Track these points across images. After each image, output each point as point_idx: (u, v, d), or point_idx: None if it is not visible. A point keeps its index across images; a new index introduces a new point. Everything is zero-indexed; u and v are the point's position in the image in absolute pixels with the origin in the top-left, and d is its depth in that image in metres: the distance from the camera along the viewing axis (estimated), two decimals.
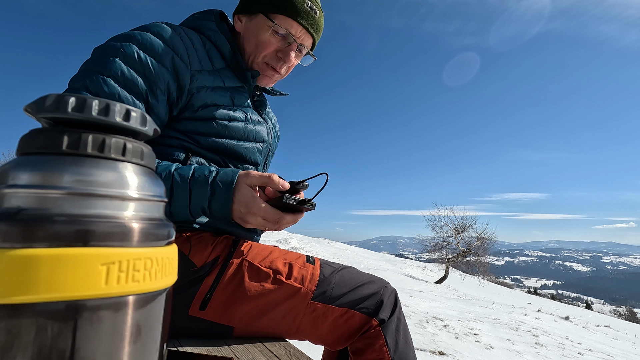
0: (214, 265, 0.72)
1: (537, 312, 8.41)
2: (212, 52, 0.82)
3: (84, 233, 0.21)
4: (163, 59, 0.71)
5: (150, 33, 0.72)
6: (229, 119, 0.81)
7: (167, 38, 0.73)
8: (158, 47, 0.71)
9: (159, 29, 0.73)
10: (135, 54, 0.68)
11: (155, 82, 0.70)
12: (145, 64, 0.69)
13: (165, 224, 0.27)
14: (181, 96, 0.75)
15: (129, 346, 0.23)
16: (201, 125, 0.78)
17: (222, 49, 0.84)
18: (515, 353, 3.94)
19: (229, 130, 0.80)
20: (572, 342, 5.25)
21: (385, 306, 0.74)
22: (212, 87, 0.79)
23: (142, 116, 0.25)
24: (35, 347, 0.20)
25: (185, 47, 0.75)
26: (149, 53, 0.70)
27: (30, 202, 0.21)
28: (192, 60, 0.76)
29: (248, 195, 0.64)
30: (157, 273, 0.24)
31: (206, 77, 0.78)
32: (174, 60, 0.72)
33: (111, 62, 0.66)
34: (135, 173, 0.25)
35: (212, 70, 0.80)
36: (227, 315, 0.70)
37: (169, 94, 0.73)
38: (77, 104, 0.23)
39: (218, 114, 0.79)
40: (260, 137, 0.88)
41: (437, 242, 20.48)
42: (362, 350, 0.72)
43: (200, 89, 0.77)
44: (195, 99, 0.76)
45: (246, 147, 0.84)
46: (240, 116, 0.83)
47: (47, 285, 0.19)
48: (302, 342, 0.82)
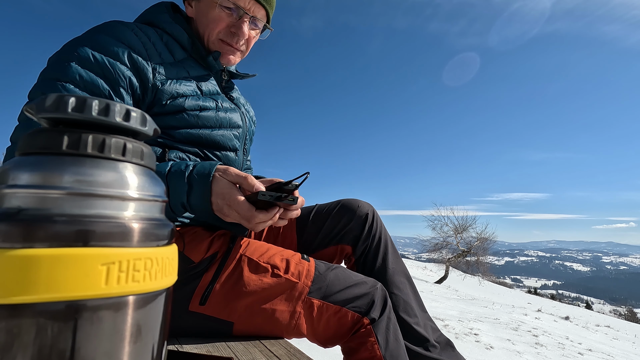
0: (213, 260, 0.72)
1: (537, 312, 8.41)
2: (170, 44, 0.81)
3: (84, 233, 0.21)
4: (120, 56, 0.69)
5: (103, 33, 0.71)
6: (200, 108, 0.80)
7: (121, 35, 0.72)
8: (113, 45, 0.70)
9: (111, 28, 0.72)
10: (90, 55, 0.67)
11: (116, 81, 0.69)
12: (103, 65, 0.67)
13: (165, 224, 0.27)
14: (146, 92, 0.74)
15: (129, 346, 0.23)
16: (172, 119, 0.77)
17: (179, 39, 0.83)
18: (515, 353, 3.94)
19: (201, 119, 0.80)
20: (572, 342, 5.25)
21: (376, 306, 0.75)
22: (176, 78, 0.78)
23: (142, 116, 0.26)
24: (35, 347, 0.20)
25: (141, 42, 0.74)
26: (105, 53, 0.68)
27: (30, 202, 0.21)
28: (150, 54, 0.75)
29: (226, 187, 0.64)
30: (157, 273, 0.24)
31: (169, 70, 0.77)
32: (131, 56, 0.71)
33: (67, 68, 0.65)
34: (135, 173, 0.25)
35: (173, 62, 0.80)
36: (227, 309, 0.71)
37: (133, 91, 0.72)
38: (77, 104, 0.23)
39: (187, 105, 0.78)
40: (234, 123, 0.88)
41: (437, 242, 20.48)
42: (354, 350, 0.73)
43: (164, 82, 0.76)
44: (162, 93, 0.75)
45: (221, 134, 0.84)
46: (211, 104, 0.83)
47: (47, 285, 0.19)
48: (302, 342, 0.82)
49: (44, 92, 0.64)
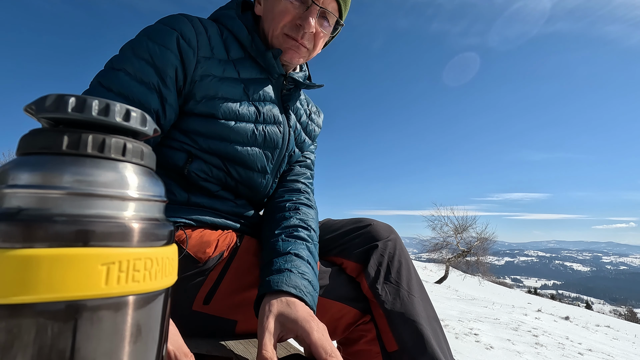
0: (219, 260, 0.71)
1: (537, 312, 8.41)
2: (229, 41, 0.76)
3: (84, 233, 0.21)
4: (168, 42, 0.68)
5: (162, 23, 0.70)
6: (236, 117, 0.74)
7: (176, 24, 0.70)
8: (165, 33, 0.69)
9: (171, 19, 0.71)
10: (144, 44, 0.67)
11: (164, 71, 0.67)
12: (153, 52, 0.67)
13: (166, 224, 0.27)
14: (186, 82, 0.70)
15: (129, 346, 0.23)
16: (202, 124, 0.72)
17: (239, 35, 0.78)
18: (515, 353, 3.94)
19: (233, 132, 0.74)
20: (572, 342, 5.24)
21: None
22: (220, 77, 0.73)
23: (142, 116, 0.26)
24: (35, 347, 0.19)
25: (195, 32, 0.71)
26: (157, 40, 0.68)
27: (30, 202, 0.21)
28: (200, 45, 0.71)
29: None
30: (157, 273, 0.24)
31: (215, 66, 0.72)
32: (178, 42, 0.68)
33: (123, 56, 0.67)
34: (136, 173, 0.25)
35: (226, 60, 0.74)
36: (231, 308, 0.71)
37: (177, 80, 0.69)
38: (77, 104, 0.23)
39: (223, 109, 0.72)
40: (271, 142, 0.80)
41: (437, 242, 20.49)
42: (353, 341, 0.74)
43: (204, 77, 0.71)
44: (198, 88, 0.71)
45: (251, 152, 0.77)
46: (251, 114, 0.76)
47: (47, 285, 0.19)
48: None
49: (100, 79, 0.65)
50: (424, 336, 0.68)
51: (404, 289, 0.73)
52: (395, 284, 0.74)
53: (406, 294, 0.73)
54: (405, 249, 0.81)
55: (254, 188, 0.82)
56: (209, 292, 0.69)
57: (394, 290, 0.73)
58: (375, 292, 0.73)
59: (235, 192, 0.81)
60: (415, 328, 0.69)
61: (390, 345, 0.70)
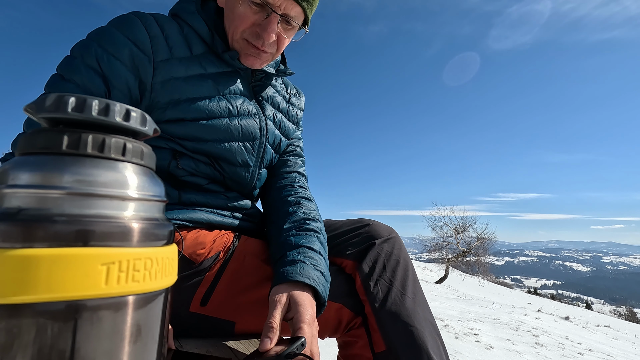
0: (216, 260, 0.71)
1: (537, 312, 8.41)
2: (190, 37, 0.74)
3: (84, 233, 0.21)
4: (118, 51, 0.65)
5: (114, 27, 0.68)
6: (207, 115, 0.72)
7: (128, 30, 0.67)
8: (116, 40, 0.66)
9: (123, 22, 0.68)
10: (92, 50, 0.65)
11: (111, 81, 0.65)
12: (101, 60, 0.65)
13: (165, 224, 0.27)
14: (144, 93, 0.68)
15: (129, 346, 0.23)
16: (175, 129, 0.71)
17: (199, 31, 0.75)
18: (515, 353, 3.94)
19: (207, 130, 0.72)
20: (572, 342, 5.24)
21: None
22: (184, 77, 0.70)
23: (142, 116, 0.25)
24: (35, 347, 0.20)
25: (149, 36, 0.68)
26: (107, 48, 0.66)
27: (30, 202, 0.21)
28: (156, 49, 0.68)
29: None
30: (157, 273, 0.24)
31: (175, 66, 0.70)
32: (132, 53, 0.66)
33: (72, 63, 0.65)
34: (135, 173, 0.25)
35: (189, 57, 0.72)
36: (229, 309, 0.70)
37: (130, 92, 0.67)
38: (77, 104, 0.23)
39: (192, 110, 0.70)
40: (248, 135, 0.78)
41: (437, 242, 20.49)
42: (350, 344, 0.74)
43: (165, 82, 0.68)
44: (161, 94, 0.68)
45: (229, 148, 0.76)
46: (223, 109, 0.74)
47: (47, 285, 0.19)
48: None
49: (49, 86, 0.65)
50: (415, 339, 0.65)
51: (397, 288, 0.71)
52: (388, 283, 0.72)
53: (399, 293, 0.70)
54: (405, 250, 0.79)
55: (240, 182, 0.82)
56: (205, 294, 0.69)
57: (386, 289, 0.71)
58: (367, 289, 0.71)
59: (225, 185, 0.81)
60: (406, 329, 0.66)
61: (378, 346, 0.67)
